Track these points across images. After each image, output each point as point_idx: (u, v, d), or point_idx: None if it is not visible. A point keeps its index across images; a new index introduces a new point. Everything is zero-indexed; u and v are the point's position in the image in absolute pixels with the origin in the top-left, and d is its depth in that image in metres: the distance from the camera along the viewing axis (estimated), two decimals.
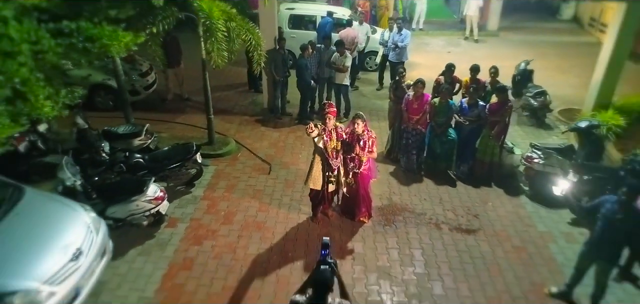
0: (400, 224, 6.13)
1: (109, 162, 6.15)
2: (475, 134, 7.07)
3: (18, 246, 4.24)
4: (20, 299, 3.87)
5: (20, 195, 4.75)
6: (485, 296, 5.01)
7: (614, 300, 4.97)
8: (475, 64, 7.64)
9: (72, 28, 5.32)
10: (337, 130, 5.66)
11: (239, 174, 7.24)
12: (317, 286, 3.09)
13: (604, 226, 4.35)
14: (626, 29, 8.27)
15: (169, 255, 5.51)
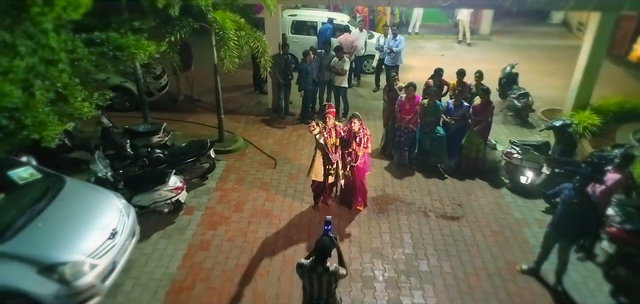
0: (392, 212, 6.89)
1: (133, 156, 6.90)
2: (461, 132, 7.82)
3: (65, 226, 4.99)
4: (70, 269, 4.61)
5: (62, 184, 5.50)
6: (465, 272, 5.76)
7: (577, 276, 5.72)
8: (461, 68, 8.40)
9: (103, 38, 6.06)
10: (336, 128, 6.40)
11: (247, 168, 8.00)
12: (317, 252, 3.83)
13: (563, 209, 5.10)
14: (601, 36, 9.02)
15: (188, 238, 6.26)
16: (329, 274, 3.84)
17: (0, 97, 4.50)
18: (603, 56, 9.43)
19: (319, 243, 3.86)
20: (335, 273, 3.89)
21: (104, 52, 6.12)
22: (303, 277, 3.93)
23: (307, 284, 3.94)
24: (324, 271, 3.83)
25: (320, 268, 3.84)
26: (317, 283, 3.88)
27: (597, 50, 9.15)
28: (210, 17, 7.01)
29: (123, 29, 6.57)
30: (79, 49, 5.62)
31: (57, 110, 5.22)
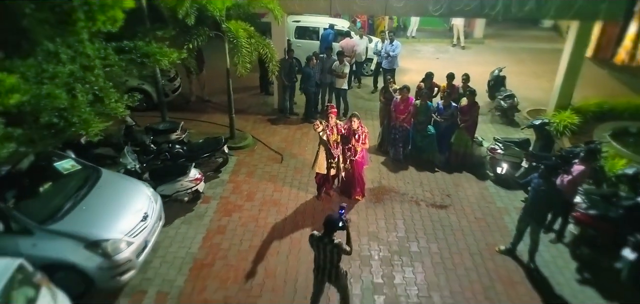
0: (387, 201, 7.70)
1: (156, 151, 7.71)
2: (451, 130, 8.63)
3: (105, 209, 5.80)
4: (110, 245, 5.42)
5: (99, 174, 6.32)
6: (450, 252, 6.57)
7: (549, 256, 6.53)
8: (450, 72, 9.23)
9: (131, 46, 6.88)
10: (337, 126, 7.22)
11: (257, 163, 8.82)
12: (325, 225, 4.64)
13: (533, 196, 5.92)
14: (580, 43, 9.86)
15: (206, 223, 7.07)
16: (332, 245, 4.65)
17: (51, 99, 5.29)
18: (582, 60, 10.24)
19: (328, 217, 4.67)
20: (339, 246, 4.69)
21: (132, 58, 6.95)
22: (312, 246, 4.74)
23: (315, 253, 4.76)
24: (329, 242, 4.64)
25: (326, 239, 4.65)
26: (323, 253, 4.69)
27: (576, 55, 9.98)
28: (224, 26, 7.82)
29: (147, 38, 7.40)
30: (110, 56, 6.43)
31: (96, 110, 6.03)
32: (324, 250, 4.68)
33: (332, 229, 4.64)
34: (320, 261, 4.77)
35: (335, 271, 4.86)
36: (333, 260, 4.77)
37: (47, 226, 5.33)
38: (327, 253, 4.70)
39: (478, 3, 9.22)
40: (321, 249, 4.68)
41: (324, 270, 4.82)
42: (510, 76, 12.72)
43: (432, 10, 9.38)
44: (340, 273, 4.95)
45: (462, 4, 9.26)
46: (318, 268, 4.84)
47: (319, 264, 4.80)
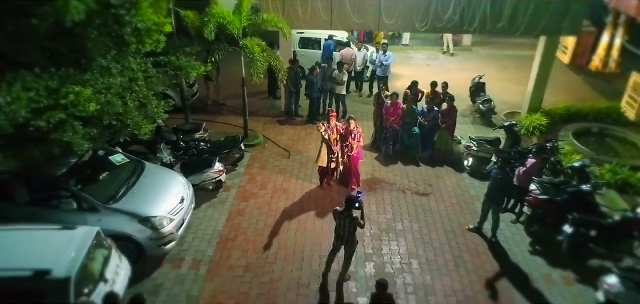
0: (378, 190, 9.18)
1: (184, 148, 9.19)
2: (433, 130, 10.10)
3: (151, 193, 7.27)
4: (158, 221, 6.89)
5: (144, 166, 7.81)
6: (428, 230, 8.05)
7: (508, 232, 8.00)
8: (433, 80, 10.72)
9: (166, 61, 8.38)
10: (337, 127, 8.70)
11: (267, 158, 10.30)
12: (346, 202, 6.14)
13: (492, 183, 7.40)
14: (547, 55, 11.35)
15: (227, 207, 8.56)
16: (351, 218, 6.15)
17: (110, 106, 6.77)
18: (550, 70, 11.71)
19: (348, 196, 6.18)
20: (355, 219, 6.18)
21: (167, 71, 8.46)
22: (335, 218, 6.27)
23: (337, 224, 6.29)
24: (348, 216, 6.14)
25: (346, 213, 6.15)
26: (343, 224, 6.21)
27: (544, 66, 11.48)
28: (242, 43, 9.31)
29: (178, 54, 8.88)
30: (150, 69, 7.89)
31: (142, 114, 7.51)
32: (343, 221, 6.20)
33: (350, 206, 6.14)
34: (340, 230, 6.30)
35: (351, 239, 6.37)
36: (350, 230, 6.28)
37: (109, 205, 6.82)
38: (346, 224, 6.21)
39: (458, 20, 10.71)
40: (341, 220, 6.20)
41: (342, 237, 6.35)
42: (493, 81, 14.26)
43: (419, 27, 10.89)
44: (354, 241, 6.44)
45: (444, 21, 10.75)
46: (338, 235, 6.38)
47: (338, 232, 6.35)
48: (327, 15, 10.91)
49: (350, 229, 6.27)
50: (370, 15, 10.88)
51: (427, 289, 6.80)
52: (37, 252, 5.39)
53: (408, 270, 7.15)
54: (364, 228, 6.46)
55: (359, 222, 6.22)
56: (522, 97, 13.59)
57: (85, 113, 6.03)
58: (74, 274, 5.13)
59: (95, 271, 5.59)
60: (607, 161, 9.56)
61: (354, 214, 6.19)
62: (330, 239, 7.53)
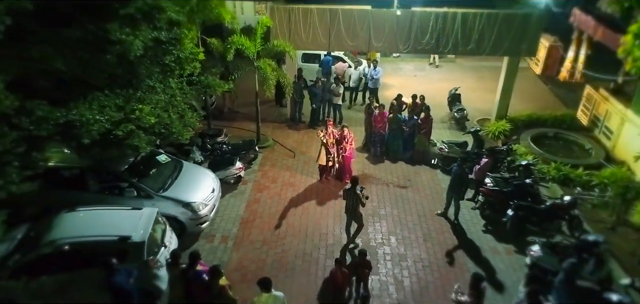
0: (367, 184, 11.33)
1: (211, 149, 11.36)
2: (413, 135, 12.25)
3: (189, 186, 9.42)
4: (196, 206, 9.04)
5: (182, 164, 9.98)
6: (405, 214, 10.21)
7: (468, 216, 10.16)
8: (414, 93, 12.90)
9: (198, 80, 10.54)
10: (333, 133, 10.87)
11: (276, 158, 12.47)
12: (351, 181, 8.39)
13: (452, 177, 9.57)
14: (510, 72, 13.51)
15: (246, 197, 10.72)
16: (356, 194, 8.34)
17: (160, 118, 8.91)
18: (513, 83, 13.89)
19: (353, 177, 8.47)
20: (359, 196, 8.37)
21: (198, 89, 10.63)
22: (344, 194, 8.55)
23: (346, 199, 8.52)
24: (353, 193, 8.34)
25: (351, 190, 8.36)
26: (350, 198, 8.42)
27: (508, 81, 13.67)
28: (257, 64, 11.48)
29: (205, 74, 11.04)
30: (185, 87, 10.06)
31: (182, 123, 9.66)
32: (350, 197, 8.41)
33: (355, 184, 8.33)
34: (348, 204, 8.52)
35: (355, 212, 8.56)
36: (355, 204, 8.46)
37: (160, 193, 8.99)
38: (352, 199, 8.42)
39: (434, 43, 12.89)
40: (349, 196, 8.41)
41: (349, 209, 8.55)
42: (470, 91, 16.46)
43: (402, 49, 13.07)
44: (358, 214, 8.62)
45: (423, 43, 12.93)
46: (347, 209, 8.61)
47: (347, 206, 8.58)
48: (326, 39, 13.08)
49: (354, 204, 8.46)
50: (361, 38, 13.05)
51: (401, 257, 8.97)
52: (119, 224, 7.55)
53: (387, 244, 9.32)
54: (365, 206, 8.64)
55: (360, 198, 8.39)
56: (493, 105, 15.80)
57: (147, 124, 8.18)
58: (146, 239, 7.30)
59: (158, 239, 7.76)
60: (553, 159, 11.73)
61: (358, 191, 8.40)
62: (328, 221, 9.80)
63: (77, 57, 7.73)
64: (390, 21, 12.71)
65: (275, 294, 6.36)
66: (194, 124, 9.73)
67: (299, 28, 12.97)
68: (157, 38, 8.70)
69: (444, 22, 12.58)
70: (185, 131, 9.29)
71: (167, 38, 8.89)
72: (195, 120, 9.75)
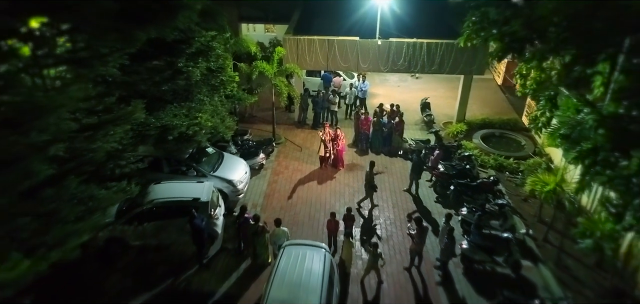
0: (355, 170, 15.50)
1: (240, 144, 15.53)
2: (391, 135, 16.42)
3: (230, 169, 13.60)
4: (235, 182, 13.21)
5: (223, 154, 14.18)
6: (381, 190, 14.32)
7: (426, 192, 14.33)
8: (392, 102, 17.07)
9: (233, 95, 14.73)
10: (330, 132, 15.07)
11: (288, 151, 16.65)
12: (370, 165, 12.71)
13: (412, 164, 13.76)
14: (465, 86, 17.68)
15: (267, 179, 14.92)
16: (371, 173, 12.65)
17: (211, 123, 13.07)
18: (468, 94, 18.05)
19: (371, 162, 12.87)
20: (370, 174, 12.58)
21: (232, 101, 14.83)
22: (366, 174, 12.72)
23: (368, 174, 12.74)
24: (370, 172, 12.64)
25: (369, 171, 12.69)
26: (368, 175, 12.62)
27: (464, 92, 17.83)
28: (274, 82, 15.65)
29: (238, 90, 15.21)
30: (224, 100, 14.24)
31: (224, 126, 13.81)
32: (368, 174, 12.57)
33: (371, 167, 12.56)
34: (366, 178, 12.66)
35: (368, 184, 12.70)
36: (370, 180, 12.62)
37: (211, 174, 13.17)
38: (367, 175, 12.57)
39: (407, 64, 17.08)
40: (367, 173, 12.57)
41: (367, 182, 12.70)
42: (441, 99, 20.63)
43: (382, 69, 17.28)
44: (372, 185, 12.76)
45: (398, 65, 17.12)
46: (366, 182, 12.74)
47: (366, 181, 12.70)
48: (325, 61, 17.27)
49: (370, 180, 12.65)
50: (351, 61, 17.24)
51: (374, 217, 13.14)
52: (191, 191, 11.70)
53: (365, 209, 13.49)
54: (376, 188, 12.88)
55: (372, 176, 12.57)
56: None
57: (205, 126, 12.32)
58: (209, 200, 11.46)
59: (215, 202, 11.93)
60: (493, 152, 15.90)
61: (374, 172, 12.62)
62: (326, 195, 13.95)
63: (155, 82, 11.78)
64: (374, 48, 16.90)
65: (283, 229, 10.56)
66: (232, 126, 13.91)
67: (304, 53, 17.16)
68: (209, 67, 12.90)
69: (413, 49, 16.76)
70: (227, 131, 13.46)
71: (216, 67, 13.10)
72: (233, 123, 13.93)
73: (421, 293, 10.60)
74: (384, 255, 11.08)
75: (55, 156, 7.05)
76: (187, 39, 12.04)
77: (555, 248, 11.69)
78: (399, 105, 17.27)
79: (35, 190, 7.06)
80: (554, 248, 11.73)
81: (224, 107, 14.13)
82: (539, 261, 11.45)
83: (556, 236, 12.06)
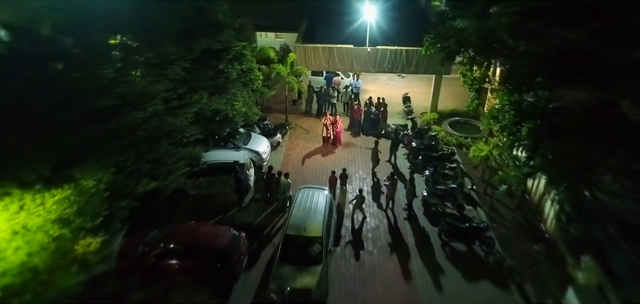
0: (350, 147, 20.36)
1: (262, 127, 20.40)
2: (377, 121, 21.27)
3: (257, 142, 18.50)
4: (261, 153, 18.10)
5: (250, 133, 19.06)
6: (367, 160, 19.18)
7: (402, 161, 19.20)
8: (378, 96, 21.95)
9: (256, 89, 19.64)
10: (330, 119, 19.95)
11: (298, 134, 21.54)
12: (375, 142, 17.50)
13: (392, 140, 18.63)
14: (436, 83, 22.54)
15: (283, 152, 19.84)
16: (376, 147, 17.48)
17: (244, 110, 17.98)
18: (439, 90, 22.89)
19: (375, 140, 17.58)
20: (374, 148, 17.44)
21: (257, 94, 19.77)
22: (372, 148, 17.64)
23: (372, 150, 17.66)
24: (375, 146, 17.49)
25: (374, 146, 17.50)
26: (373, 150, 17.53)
27: (436, 88, 22.69)
28: (287, 79, 20.48)
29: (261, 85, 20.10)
30: (250, 93, 19.14)
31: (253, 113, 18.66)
32: (374, 150, 17.50)
33: (376, 145, 17.39)
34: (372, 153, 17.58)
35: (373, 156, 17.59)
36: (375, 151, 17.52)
37: (243, 146, 18.05)
38: (373, 148, 17.49)
39: (390, 66, 21.94)
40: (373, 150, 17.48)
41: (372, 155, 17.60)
42: (422, 94, 25.49)
43: (372, 70, 22.14)
44: (376, 158, 17.64)
45: (384, 67, 21.99)
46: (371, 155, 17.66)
47: (372, 154, 17.60)
48: (326, 63, 22.14)
49: (375, 153, 17.50)
50: (347, 63, 22.12)
51: (362, 179, 18.00)
52: (232, 156, 16.58)
53: (357, 173, 18.35)
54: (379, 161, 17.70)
55: (376, 152, 17.43)
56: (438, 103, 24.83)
57: (240, 112, 17.14)
58: (246, 162, 16.33)
59: (248, 165, 16.80)
60: (455, 134, 20.76)
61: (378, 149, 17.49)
62: (328, 164, 18.82)
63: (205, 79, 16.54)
64: (364, 54, 21.75)
65: (288, 181, 15.42)
66: (257, 113, 18.78)
67: (310, 57, 22.01)
68: (241, 69, 17.76)
69: (395, 54, 21.60)
70: (254, 116, 18.34)
71: (246, 68, 17.97)
72: (258, 111, 18.81)
73: (393, 225, 15.44)
74: (367, 201, 15.93)
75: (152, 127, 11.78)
76: (227, 49, 16.85)
77: (490, 197, 16.53)
78: (384, 98, 22.12)
79: (146, 147, 11.77)
80: (490, 198, 16.56)
81: (251, 98, 18.98)
82: (478, 205, 16.30)
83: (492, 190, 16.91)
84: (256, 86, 18.70)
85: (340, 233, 14.84)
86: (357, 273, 13.21)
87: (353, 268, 13.40)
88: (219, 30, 15.18)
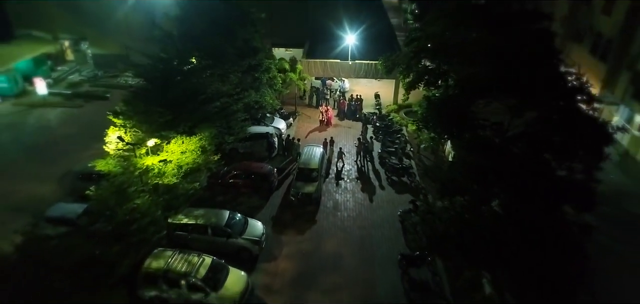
0: (338, 127, 31.18)
1: (280, 114, 31.24)
2: (357, 110, 32.09)
3: (277, 123, 29.31)
4: (281, 129, 28.94)
5: (274, 117, 29.94)
6: (347, 136, 29.98)
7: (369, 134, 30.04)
8: (357, 93, 32.84)
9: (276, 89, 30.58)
10: (324, 107, 30.82)
11: (304, 120, 32.38)
12: (363, 122, 28.25)
13: (363, 122, 29.48)
14: (397, 84, 33.44)
15: (295, 129, 30.68)
16: (366, 126, 28.36)
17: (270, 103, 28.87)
18: (398, 90, 33.73)
19: (365, 119, 28.39)
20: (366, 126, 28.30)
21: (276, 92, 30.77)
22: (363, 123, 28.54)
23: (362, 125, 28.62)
24: (364, 126, 28.29)
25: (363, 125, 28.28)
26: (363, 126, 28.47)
27: (396, 88, 33.57)
28: (296, 82, 31.31)
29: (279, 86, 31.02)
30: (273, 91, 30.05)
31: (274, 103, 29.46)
32: (363, 125, 28.34)
33: (366, 123, 28.24)
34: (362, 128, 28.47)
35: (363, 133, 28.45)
36: (363, 128, 28.35)
37: (270, 124, 28.92)
38: (364, 126, 28.34)
39: (365, 74, 32.79)
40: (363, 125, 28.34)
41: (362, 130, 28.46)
42: (389, 92, 36.37)
43: (353, 76, 33.06)
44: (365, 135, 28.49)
45: (361, 74, 32.87)
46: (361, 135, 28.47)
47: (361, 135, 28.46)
48: (323, 72, 33.06)
49: (364, 134, 28.35)
50: (337, 71, 33.04)
51: (343, 145, 28.83)
52: (264, 129, 27.43)
53: (340, 141, 29.19)
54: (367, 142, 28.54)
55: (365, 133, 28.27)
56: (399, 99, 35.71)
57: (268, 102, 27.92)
58: (273, 132, 27.21)
59: (276, 135, 27.67)
60: (406, 119, 31.57)
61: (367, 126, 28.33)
62: (323, 136, 29.80)
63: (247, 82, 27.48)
64: (348, 65, 32.61)
65: (299, 143, 26.32)
66: (277, 104, 29.65)
67: (312, 67, 32.90)
68: (269, 76, 28.68)
69: (368, 66, 32.43)
70: (276, 106, 29.21)
71: (272, 76, 28.91)
72: (278, 103, 29.71)
73: (359, 168, 26.29)
74: (345, 155, 26.84)
75: None
76: (260, 63, 27.72)
77: (418, 154, 27.34)
78: (360, 95, 32.95)
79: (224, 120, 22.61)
80: (418, 154, 27.35)
81: (274, 95, 29.77)
82: (410, 158, 27.16)
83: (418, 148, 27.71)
84: (277, 86, 29.48)
85: (329, 171, 25.74)
86: (337, 189, 24.09)
87: (335, 188, 24.29)
88: (256, 53, 26.21)
